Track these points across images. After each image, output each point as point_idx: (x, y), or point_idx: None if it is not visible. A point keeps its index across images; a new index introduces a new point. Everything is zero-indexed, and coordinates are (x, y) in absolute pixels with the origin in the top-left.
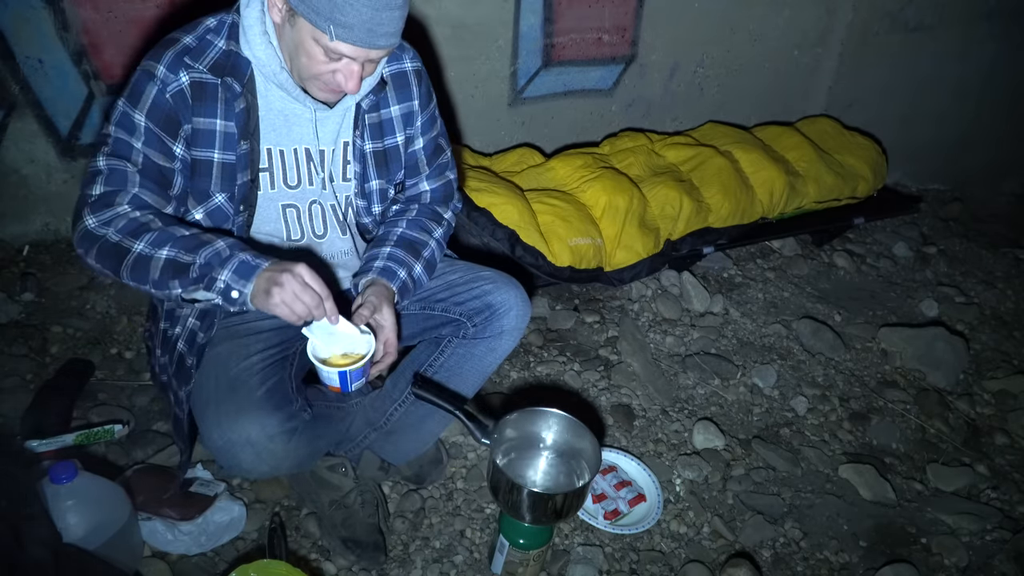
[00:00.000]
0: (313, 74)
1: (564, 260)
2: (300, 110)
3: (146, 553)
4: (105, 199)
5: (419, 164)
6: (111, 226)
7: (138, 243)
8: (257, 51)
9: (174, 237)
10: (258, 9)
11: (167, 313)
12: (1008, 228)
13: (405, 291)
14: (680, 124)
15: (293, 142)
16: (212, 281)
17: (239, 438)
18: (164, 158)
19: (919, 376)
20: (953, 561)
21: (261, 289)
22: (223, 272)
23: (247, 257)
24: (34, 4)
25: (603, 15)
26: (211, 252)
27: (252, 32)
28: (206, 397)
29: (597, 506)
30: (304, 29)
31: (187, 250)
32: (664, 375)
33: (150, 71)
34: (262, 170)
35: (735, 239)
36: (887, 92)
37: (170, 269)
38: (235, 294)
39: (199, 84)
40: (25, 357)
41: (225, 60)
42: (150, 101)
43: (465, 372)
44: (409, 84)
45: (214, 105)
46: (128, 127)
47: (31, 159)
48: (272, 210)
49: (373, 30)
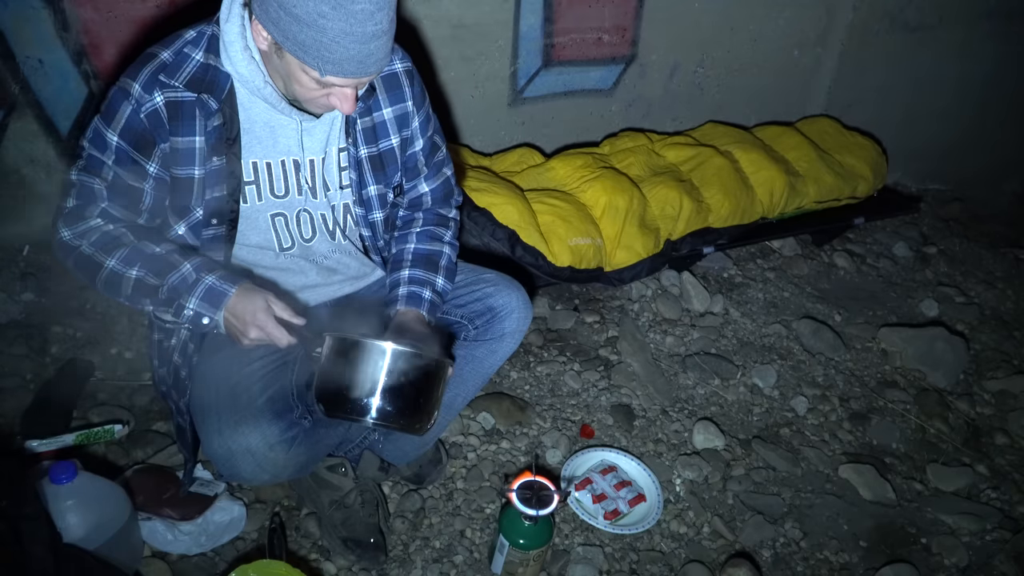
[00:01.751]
0: (307, 98)
1: (564, 260)
2: (286, 121)
3: (146, 553)
4: (77, 212)
5: (418, 165)
6: (84, 239)
7: (110, 259)
8: (239, 67)
9: (143, 255)
10: (238, 24)
11: (159, 325)
12: (1008, 228)
13: (434, 308)
14: (680, 124)
15: (280, 154)
16: (180, 308)
17: (240, 447)
18: (134, 177)
19: (919, 376)
20: (953, 561)
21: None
22: (191, 299)
23: (213, 281)
24: (34, 4)
25: (603, 15)
26: (177, 277)
27: (233, 48)
28: (207, 405)
29: (597, 506)
30: (293, 63)
31: (154, 273)
32: (664, 375)
33: (126, 89)
34: (247, 183)
35: (735, 239)
36: (887, 92)
37: (140, 289)
38: (205, 320)
39: (175, 103)
40: (25, 357)
41: (203, 74)
42: (123, 121)
43: (466, 374)
44: (401, 85)
45: (192, 122)
46: (100, 145)
47: (31, 159)
48: (261, 221)
49: (363, 62)
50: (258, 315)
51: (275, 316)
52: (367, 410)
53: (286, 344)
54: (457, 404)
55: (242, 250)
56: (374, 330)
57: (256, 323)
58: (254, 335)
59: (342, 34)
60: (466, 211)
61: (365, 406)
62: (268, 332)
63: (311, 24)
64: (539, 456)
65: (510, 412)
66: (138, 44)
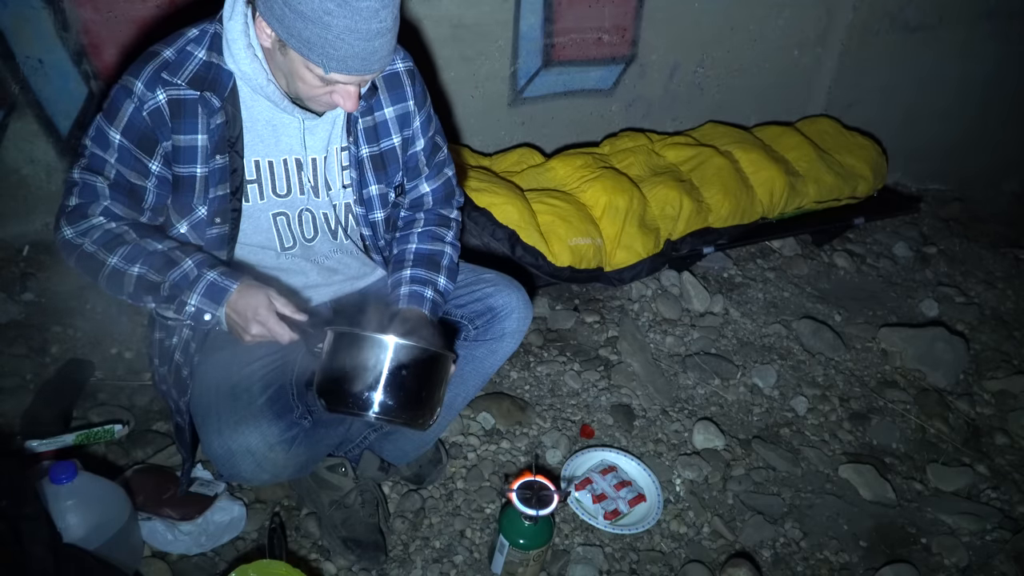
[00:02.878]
0: (310, 96)
1: (564, 260)
2: (288, 120)
3: (146, 553)
4: (79, 210)
5: (419, 165)
6: (87, 236)
7: (112, 256)
8: (242, 65)
9: (145, 252)
10: (241, 22)
11: (161, 323)
12: (1008, 228)
13: (436, 307)
14: (680, 124)
15: (282, 152)
16: (182, 305)
17: (239, 447)
18: (137, 175)
19: (919, 376)
20: (953, 561)
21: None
22: (192, 296)
23: (215, 277)
24: (34, 4)
25: (603, 15)
26: (179, 274)
27: (236, 46)
28: (207, 405)
29: (597, 506)
30: (296, 60)
31: (156, 269)
32: (664, 375)
33: (128, 87)
34: (249, 182)
35: (735, 239)
36: (887, 92)
37: (142, 286)
38: (207, 316)
39: (177, 101)
40: (25, 357)
41: (205, 72)
42: (126, 119)
43: (466, 374)
44: (402, 84)
45: (194, 121)
46: (103, 143)
47: (31, 159)
48: (263, 220)
49: (367, 59)
50: (260, 311)
51: (277, 312)
52: (369, 404)
53: (288, 340)
54: (457, 404)
55: (243, 250)
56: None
57: (258, 319)
58: (256, 331)
59: (347, 31)
60: (466, 211)
61: (367, 401)
62: (270, 328)
63: (316, 21)
64: (539, 456)
65: (510, 412)
66: (138, 44)
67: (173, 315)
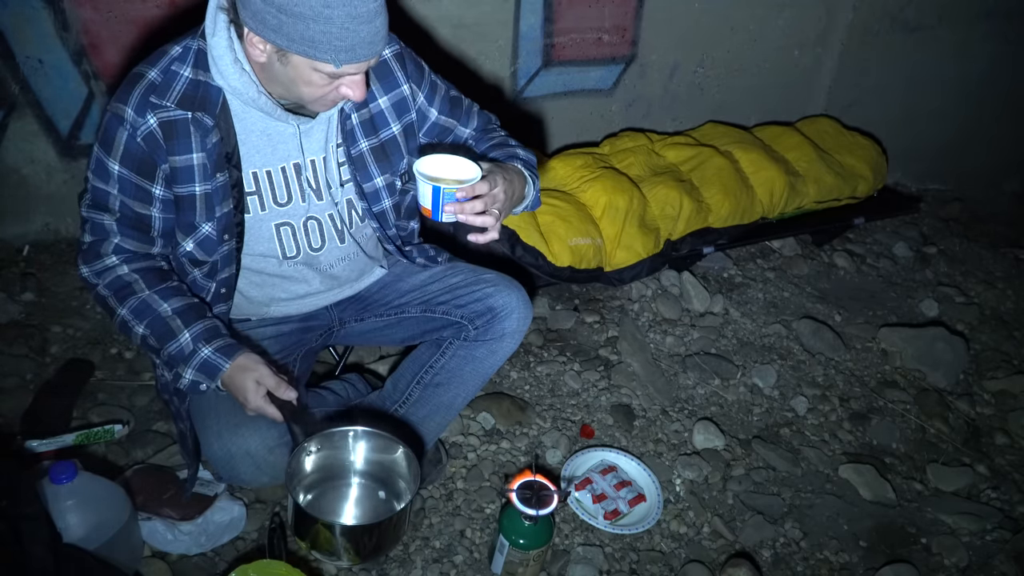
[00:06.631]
0: (316, 97)
1: (564, 260)
2: (283, 127)
3: (146, 553)
4: (93, 249)
5: (448, 127)
6: (101, 278)
7: (122, 308)
8: (231, 80)
9: (151, 314)
10: (225, 38)
11: None
12: (1008, 228)
13: (529, 164)
14: (680, 124)
15: (280, 160)
16: (178, 376)
17: (239, 450)
18: (141, 204)
19: (919, 376)
20: (953, 561)
21: (229, 393)
22: (187, 370)
23: (208, 354)
24: (34, 4)
25: (603, 15)
26: (176, 347)
27: (223, 62)
28: (207, 407)
29: (597, 506)
30: (301, 64)
31: (157, 336)
32: (664, 375)
33: (119, 115)
34: (249, 194)
35: (735, 239)
36: (887, 92)
37: (146, 345)
38: (203, 387)
39: (169, 123)
40: (25, 357)
41: (194, 91)
42: (122, 148)
43: (466, 374)
44: (392, 71)
45: (188, 140)
46: (103, 175)
47: (31, 159)
48: (265, 230)
49: (372, 42)
50: (248, 396)
51: (268, 391)
52: (338, 557)
53: (281, 419)
54: (457, 404)
55: (246, 259)
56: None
57: (248, 405)
58: (252, 408)
59: (349, 19)
60: None
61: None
62: (261, 411)
63: (316, 17)
64: (539, 456)
65: (510, 412)
66: (138, 44)
67: (173, 379)
